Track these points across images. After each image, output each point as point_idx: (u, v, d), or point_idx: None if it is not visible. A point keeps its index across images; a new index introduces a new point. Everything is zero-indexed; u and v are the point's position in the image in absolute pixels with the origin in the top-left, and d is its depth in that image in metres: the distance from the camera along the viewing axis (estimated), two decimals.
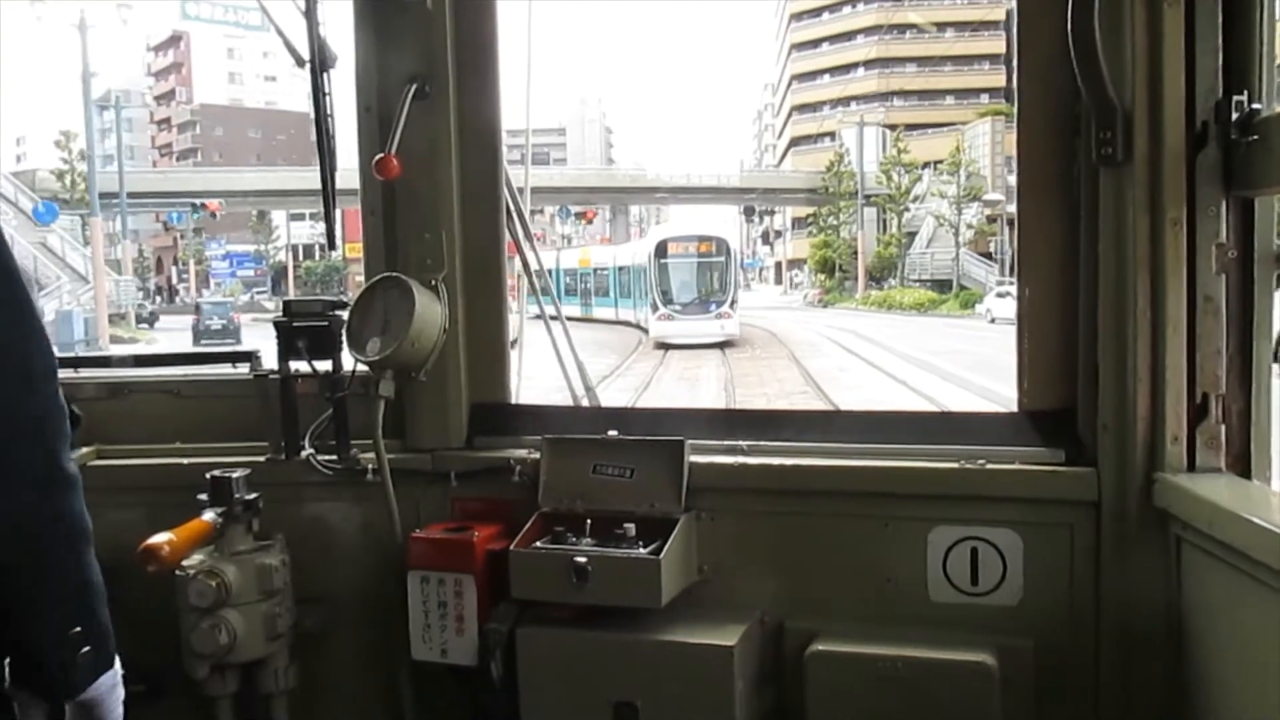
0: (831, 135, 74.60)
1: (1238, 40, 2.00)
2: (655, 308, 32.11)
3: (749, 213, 76.45)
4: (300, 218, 73.30)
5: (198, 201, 51.35)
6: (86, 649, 1.38)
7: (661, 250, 33.00)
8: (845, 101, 79.78)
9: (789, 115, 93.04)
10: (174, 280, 73.42)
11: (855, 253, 60.33)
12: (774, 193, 71.02)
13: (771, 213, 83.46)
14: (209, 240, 76.49)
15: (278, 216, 73.62)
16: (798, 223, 79.62)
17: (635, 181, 67.59)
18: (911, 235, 58.00)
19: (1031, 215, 2.28)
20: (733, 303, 32.38)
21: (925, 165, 57.28)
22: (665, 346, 29.52)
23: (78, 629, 1.37)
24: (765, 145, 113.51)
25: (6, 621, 1.32)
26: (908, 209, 57.20)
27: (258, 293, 68.45)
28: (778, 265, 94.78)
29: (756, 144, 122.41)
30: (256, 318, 48.21)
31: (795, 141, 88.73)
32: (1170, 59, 2.00)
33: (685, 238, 34.09)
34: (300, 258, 75.46)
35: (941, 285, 51.97)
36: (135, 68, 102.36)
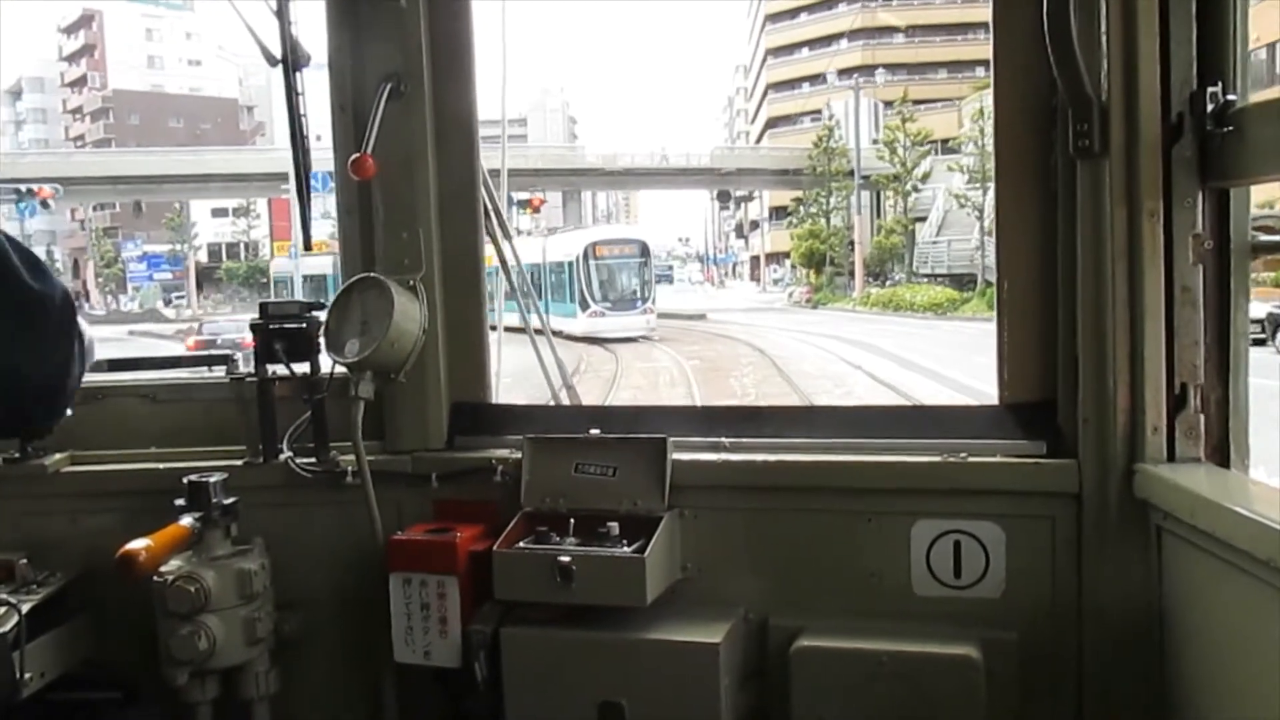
0: (813, 114, 67.91)
1: (1212, 31, 2.01)
2: (585, 305, 33.34)
3: (724, 198, 69.22)
4: (223, 213, 67.77)
5: (24, 187, 41.69)
6: None
7: (589, 253, 34.69)
8: (826, 77, 70.41)
9: (764, 94, 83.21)
10: (89, 285, 67.56)
11: (851, 243, 51.41)
12: (752, 174, 61.78)
13: (750, 198, 75.89)
14: (125, 240, 70.77)
15: (197, 213, 67.52)
16: (776, 213, 72.87)
17: (592, 163, 58.19)
18: (918, 221, 49.68)
19: (1009, 208, 2.29)
20: (654, 299, 35.06)
21: (925, 141, 49.01)
22: (598, 341, 30.44)
23: None
24: (738, 132, 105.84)
25: None
26: (917, 189, 48.95)
27: (178, 298, 63.41)
28: (754, 260, 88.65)
29: (728, 132, 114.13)
30: (135, 330, 40.74)
31: (772, 122, 79.18)
32: (1145, 51, 2.02)
33: (611, 240, 36.43)
34: (224, 258, 71.38)
35: (959, 281, 42.48)
36: (49, 52, 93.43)
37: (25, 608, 2.22)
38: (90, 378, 2.83)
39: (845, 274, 52.85)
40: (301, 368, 2.56)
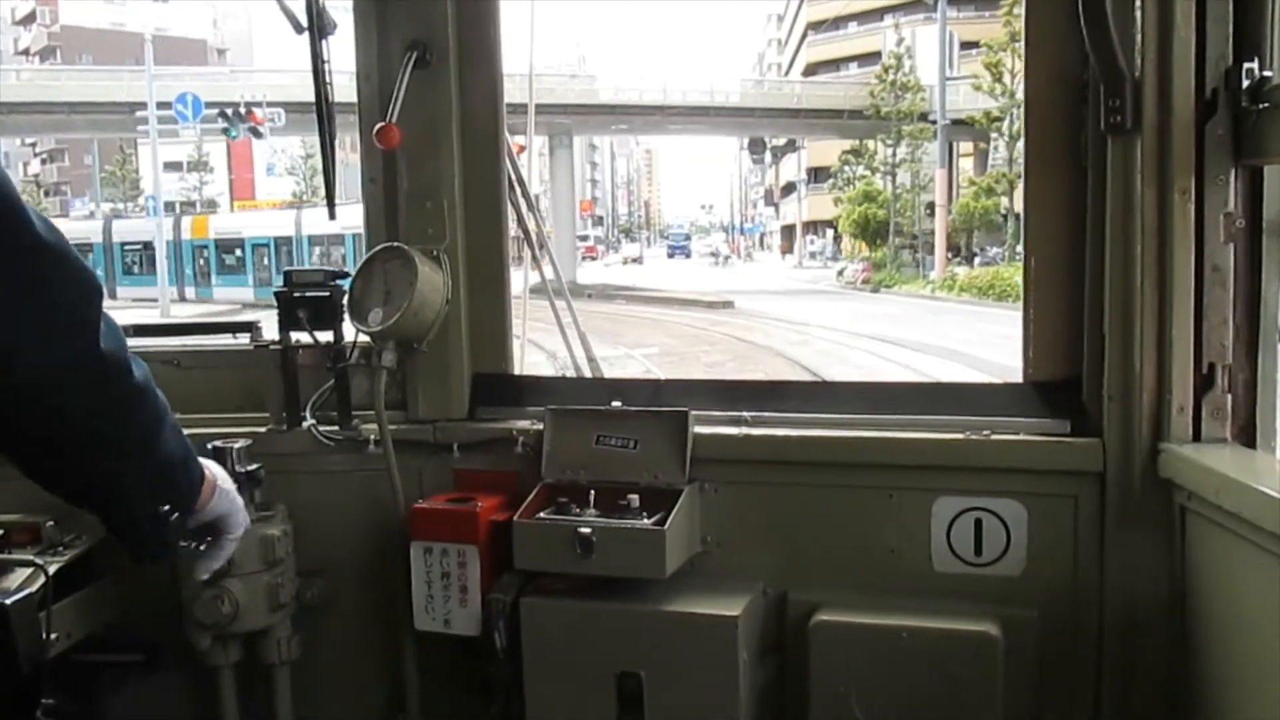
0: (863, 57, 55.52)
1: (1249, 6, 1.97)
2: None
3: (756, 147, 59.10)
4: (176, 167, 58.59)
5: None
6: (175, 515, 1.55)
7: None
8: (878, 14, 57.11)
9: (803, 37, 70.43)
10: None
11: (929, 206, 40.31)
12: (793, 115, 48.52)
13: (788, 148, 64.87)
14: (73, 199, 66.06)
15: (144, 168, 58.41)
16: (815, 175, 63.39)
17: (584, 98, 44.81)
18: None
19: (1039, 184, 2.26)
20: None
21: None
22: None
23: (165, 506, 1.53)
24: (769, 89, 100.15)
25: (109, 509, 1.52)
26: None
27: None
28: (786, 230, 79.88)
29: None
30: None
31: (811, 70, 65.65)
32: (1180, 26, 1.98)
33: None
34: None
35: None
36: None
37: (52, 569, 2.25)
38: None
39: (917, 247, 42.28)
40: (325, 336, 2.57)
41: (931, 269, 39.02)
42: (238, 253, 39.14)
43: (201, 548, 1.76)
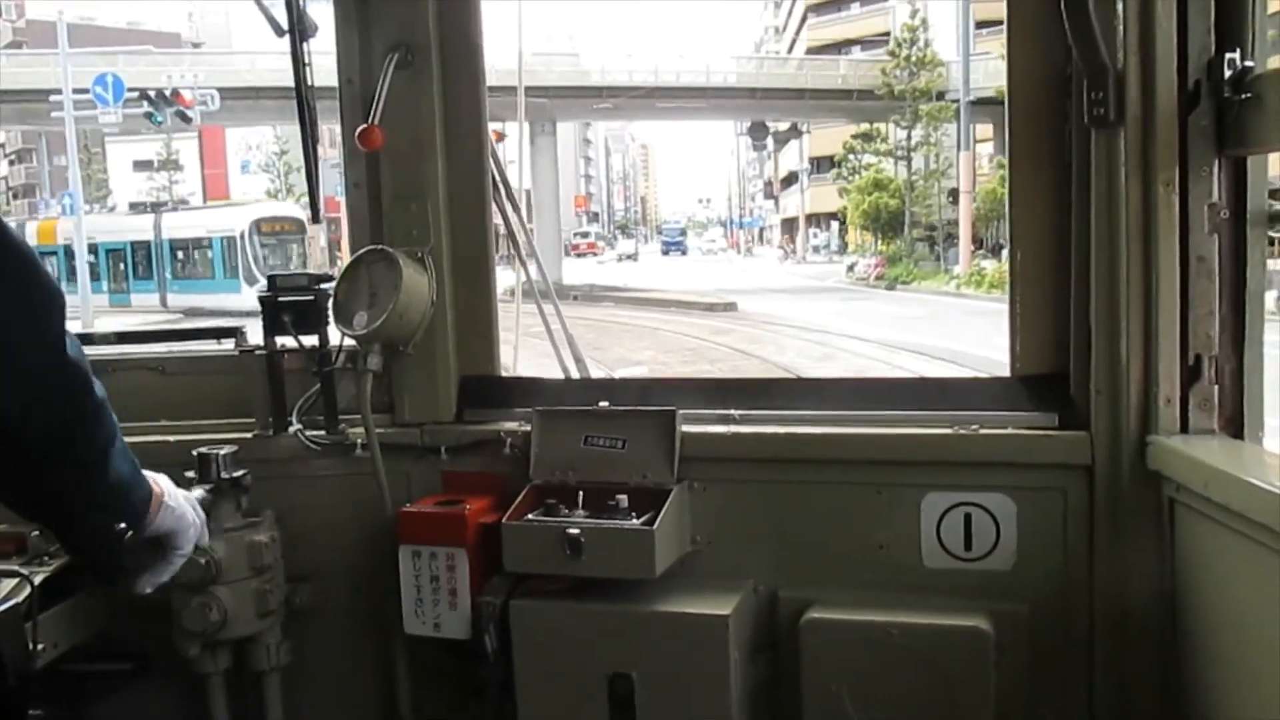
0: (866, 41, 51.86)
1: None
2: (251, 280, 32.31)
3: (758, 132, 52.97)
4: (147, 165, 56.40)
5: None
6: (130, 533, 1.54)
7: (256, 228, 34.87)
8: None
9: (803, 19, 65.56)
10: None
11: (950, 195, 36.32)
12: (798, 95, 43.56)
13: (792, 133, 59.97)
14: (40, 200, 60.40)
15: (114, 166, 58.11)
16: (817, 165, 59.45)
17: (568, 79, 40.86)
18: None
19: (1023, 177, 2.26)
20: None
21: None
22: None
23: (121, 525, 1.52)
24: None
25: (70, 527, 1.52)
26: None
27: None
28: (786, 223, 76.04)
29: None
30: None
31: (813, 52, 58.27)
32: (1162, 17, 1.98)
33: (276, 218, 36.55)
34: None
35: None
36: None
37: (37, 579, 2.23)
38: (98, 350, 2.84)
39: (933, 239, 38.78)
40: (310, 340, 2.56)
41: (952, 262, 35.70)
42: (91, 259, 38.22)
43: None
